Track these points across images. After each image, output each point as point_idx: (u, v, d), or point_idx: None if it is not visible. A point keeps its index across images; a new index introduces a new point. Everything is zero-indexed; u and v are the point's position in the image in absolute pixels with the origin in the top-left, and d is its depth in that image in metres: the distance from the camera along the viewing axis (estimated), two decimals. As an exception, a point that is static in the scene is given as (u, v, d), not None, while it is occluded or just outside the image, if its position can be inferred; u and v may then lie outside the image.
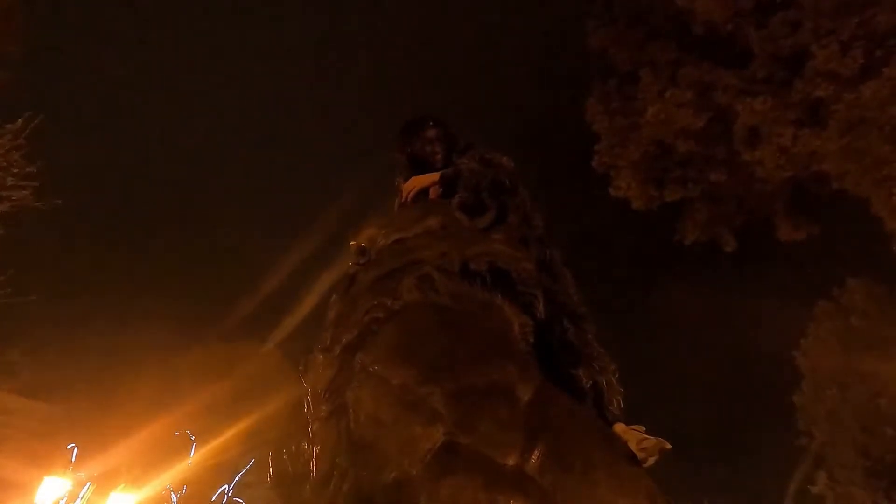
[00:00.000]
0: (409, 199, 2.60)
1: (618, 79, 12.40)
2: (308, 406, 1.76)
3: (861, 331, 14.74)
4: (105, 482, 12.13)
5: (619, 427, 2.15)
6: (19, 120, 7.57)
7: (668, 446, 2.23)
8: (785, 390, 16.11)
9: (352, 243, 2.20)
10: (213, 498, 16.14)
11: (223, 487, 16.23)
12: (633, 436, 2.18)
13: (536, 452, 1.52)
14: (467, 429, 1.47)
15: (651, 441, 2.21)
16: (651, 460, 2.18)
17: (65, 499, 10.93)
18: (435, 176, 2.57)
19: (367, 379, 1.57)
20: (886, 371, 13.73)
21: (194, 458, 15.49)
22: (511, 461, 1.48)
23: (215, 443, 15.75)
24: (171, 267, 22.96)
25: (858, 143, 9.81)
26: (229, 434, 15.78)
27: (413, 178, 2.63)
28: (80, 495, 11.24)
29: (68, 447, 12.73)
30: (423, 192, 2.60)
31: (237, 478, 16.26)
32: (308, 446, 1.63)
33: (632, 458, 1.91)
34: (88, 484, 11.62)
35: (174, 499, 14.83)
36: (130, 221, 25.53)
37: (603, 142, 12.35)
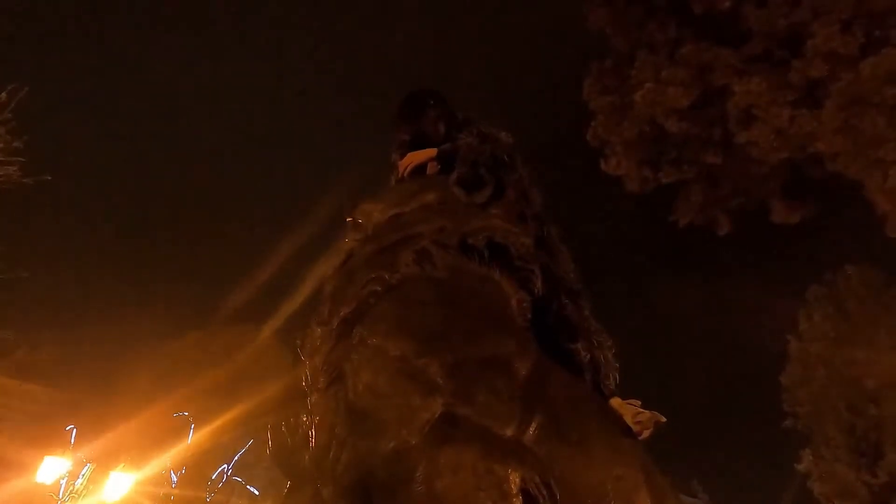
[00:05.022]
0: (405, 176, 2.58)
1: (616, 57, 12.29)
2: (306, 378, 1.76)
3: (853, 314, 14.88)
4: (105, 463, 12.23)
5: (616, 401, 2.18)
6: (3, 93, 7.35)
7: (663, 419, 2.25)
8: (777, 374, 16.27)
9: (348, 218, 2.19)
10: (213, 477, 16.34)
11: (222, 467, 16.42)
12: (629, 409, 2.20)
13: (534, 424, 1.53)
14: (466, 400, 1.48)
15: (646, 415, 2.23)
16: (646, 433, 2.20)
17: (66, 478, 11.03)
18: (432, 152, 2.54)
19: (365, 351, 1.57)
20: (875, 353, 13.91)
21: (193, 440, 15.61)
22: (509, 432, 1.49)
23: (214, 425, 15.84)
24: (170, 250, 22.90)
25: (854, 123, 9.78)
26: (227, 417, 15.87)
27: (410, 154, 2.60)
28: (81, 475, 11.34)
29: (67, 429, 12.79)
30: (420, 168, 2.57)
31: (236, 457, 16.45)
32: (307, 417, 1.64)
33: (627, 431, 1.93)
34: (88, 464, 11.71)
35: (174, 478, 15.00)
36: (128, 206, 25.37)
37: (599, 118, 12.29)
